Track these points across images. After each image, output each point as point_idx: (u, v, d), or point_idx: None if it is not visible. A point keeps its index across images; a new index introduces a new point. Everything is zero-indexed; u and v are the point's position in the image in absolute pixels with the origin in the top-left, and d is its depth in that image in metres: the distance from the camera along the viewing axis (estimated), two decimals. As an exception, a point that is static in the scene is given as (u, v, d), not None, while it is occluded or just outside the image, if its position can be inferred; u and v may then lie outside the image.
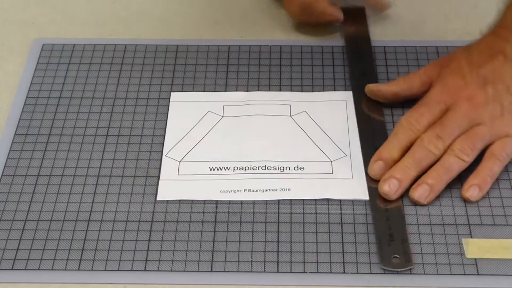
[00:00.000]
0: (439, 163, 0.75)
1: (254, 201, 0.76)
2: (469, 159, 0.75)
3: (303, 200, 0.76)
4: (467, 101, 0.77)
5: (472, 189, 0.75)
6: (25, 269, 0.72)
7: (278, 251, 0.72)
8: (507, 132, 0.77)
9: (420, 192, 0.75)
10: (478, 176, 0.75)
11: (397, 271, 0.70)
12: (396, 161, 0.76)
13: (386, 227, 0.73)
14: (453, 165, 0.75)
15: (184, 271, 0.71)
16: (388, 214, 0.74)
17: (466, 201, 0.75)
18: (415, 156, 0.76)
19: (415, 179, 0.76)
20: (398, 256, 0.71)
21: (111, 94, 0.86)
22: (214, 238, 0.73)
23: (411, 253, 0.71)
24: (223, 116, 0.84)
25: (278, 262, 0.72)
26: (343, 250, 0.72)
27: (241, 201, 0.76)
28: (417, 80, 0.82)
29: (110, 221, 0.75)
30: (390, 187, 0.75)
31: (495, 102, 0.77)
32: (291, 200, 0.76)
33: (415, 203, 0.75)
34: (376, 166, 0.77)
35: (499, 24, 0.80)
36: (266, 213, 0.75)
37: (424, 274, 0.71)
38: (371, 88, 0.84)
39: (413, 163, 0.75)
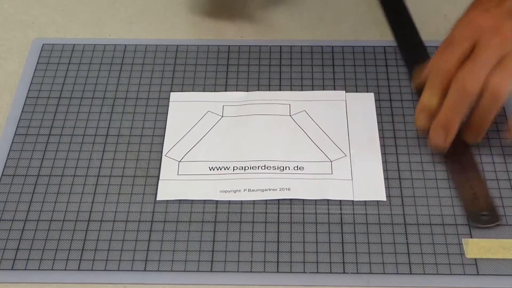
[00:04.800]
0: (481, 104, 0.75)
1: (254, 201, 0.76)
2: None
3: (303, 200, 0.76)
4: (494, 34, 0.75)
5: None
6: (25, 269, 0.72)
7: (278, 251, 0.73)
8: None
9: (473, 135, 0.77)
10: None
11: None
12: (437, 106, 0.76)
13: (468, 187, 0.76)
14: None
15: (184, 271, 0.71)
16: (467, 172, 0.77)
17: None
18: (454, 102, 0.75)
19: (460, 122, 0.76)
20: (485, 213, 0.73)
21: (111, 94, 0.86)
22: (214, 238, 0.73)
23: (496, 207, 0.74)
24: (222, 116, 0.84)
25: (278, 262, 0.72)
26: (343, 250, 0.72)
27: (241, 201, 0.76)
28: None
29: (110, 221, 0.75)
30: (438, 139, 0.76)
31: None
32: (291, 200, 0.76)
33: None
34: (421, 117, 0.77)
35: None
36: (266, 213, 0.75)
37: (424, 274, 0.71)
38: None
39: (453, 110, 0.75)
